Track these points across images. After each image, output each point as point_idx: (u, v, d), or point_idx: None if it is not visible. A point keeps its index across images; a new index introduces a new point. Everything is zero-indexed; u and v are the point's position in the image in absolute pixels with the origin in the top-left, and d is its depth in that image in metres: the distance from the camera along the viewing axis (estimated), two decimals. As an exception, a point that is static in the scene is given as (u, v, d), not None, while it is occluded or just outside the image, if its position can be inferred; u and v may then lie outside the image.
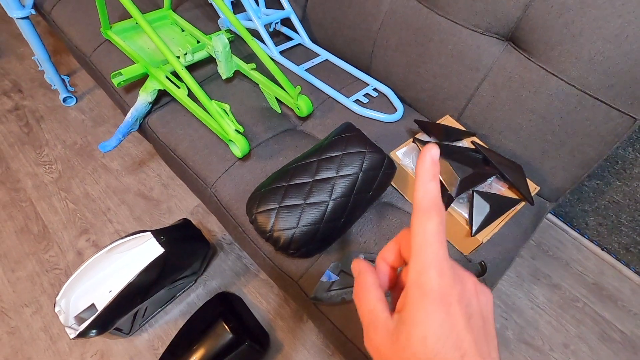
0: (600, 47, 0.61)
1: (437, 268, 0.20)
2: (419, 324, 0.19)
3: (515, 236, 0.72)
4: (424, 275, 0.20)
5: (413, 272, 0.20)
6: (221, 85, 0.89)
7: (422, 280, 0.20)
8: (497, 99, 0.75)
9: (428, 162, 0.21)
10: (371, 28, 0.88)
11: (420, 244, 0.20)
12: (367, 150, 0.63)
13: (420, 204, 0.21)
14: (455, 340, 0.19)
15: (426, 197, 0.21)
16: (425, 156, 0.21)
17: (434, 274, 0.19)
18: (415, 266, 0.20)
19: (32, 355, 0.89)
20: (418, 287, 0.20)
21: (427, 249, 0.20)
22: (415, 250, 0.20)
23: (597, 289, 1.09)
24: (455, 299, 0.19)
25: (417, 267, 0.20)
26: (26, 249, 1.05)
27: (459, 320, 0.19)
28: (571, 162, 0.72)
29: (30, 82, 1.47)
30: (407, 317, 0.20)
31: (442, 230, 0.20)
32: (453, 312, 0.19)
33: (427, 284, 0.19)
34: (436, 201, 0.21)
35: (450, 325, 0.19)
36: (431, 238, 0.20)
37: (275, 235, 0.58)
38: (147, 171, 1.23)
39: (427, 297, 0.19)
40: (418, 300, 0.19)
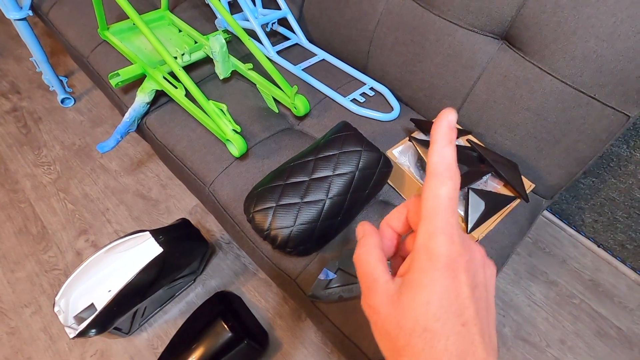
0: (594, 46, 0.61)
1: (447, 234, 0.19)
2: (424, 288, 0.19)
3: (511, 233, 0.73)
4: (433, 240, 0.19)
5: (422, 237, 0.20)
6: (219, 85, 0.90)
7: (431, 245, 0.19)
8: (493, 97, 0.75)
9: (445, 127, 0.20)
10: (367, 27, 0.88)
11: (432, 209, 0.20)
12: (363, 149, 0.64)
13: (435, 168, 0.20)
14: (458, 308, 0.19)
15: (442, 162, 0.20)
16: (442, 121, 0.20)
17: (444, 240, 0.19)
18: (425, 231, 0.20)
19: (32, 355, 0.89)
20: (426, 252, 0.19)
21: (438, 215, 0.20)
22: (426, 215, 0.20)
23: (593, 285, 1.10)
24: (463, 267, 0.19)
25: (427, 231, 0.20)
26: (25, 250, 1.05)
27: (464, 289, 0.19)
28: (566, 159, 0.73)
29: (28, 84, 1.47)
30: (411, 280, 0.19)
31: (455, 197, 0.20)
32: (459, 280, 0.19)
33: (436, 249, 0.19)
34: (452, 167, 0.20)
35: (455, 292, 0.19)
36: (443, 204, 0.20)
37: (272, 233, 0.59)
38: (145, 171, 1.24)
39: (435, 262, 0.19)
40: (425, 265, 0.19)
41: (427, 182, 0.20)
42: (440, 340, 0.18)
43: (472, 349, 0.18)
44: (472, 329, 0.19)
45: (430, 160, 0.20)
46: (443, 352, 0.18)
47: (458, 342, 0.18)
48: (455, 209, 0.20)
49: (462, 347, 0.18)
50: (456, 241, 0.19)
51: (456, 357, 0.18)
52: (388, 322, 0.20)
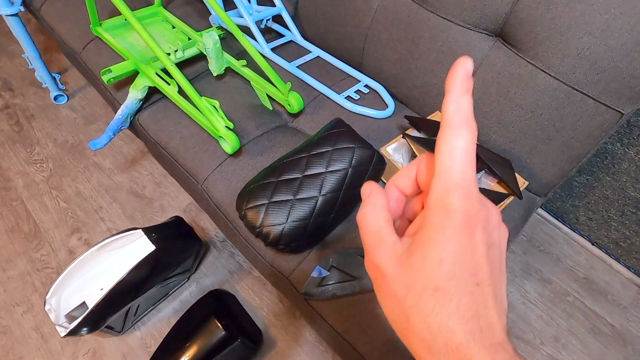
0: (587, 43, 0.61)
1: (464, 188, 0.18)
2: (437, 245, 0.18)
3: (505, 231, 0.73)
4: (449, 195, 0.18)
5: (436, 192, 0.18)
6: (212, 82, 0.89)
7: (447, 201, 0.18)
8: (486, 94, 0.75)
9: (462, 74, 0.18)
10: (362, 24, 0.88)
11: (447, 163, 0.18)
12: (356, 145, 0.63)
13: (452, 119, 0.18)
14: (474, 267, 0.18)
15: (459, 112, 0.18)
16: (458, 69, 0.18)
17: (461, 194, 0.18)
18: (439, 186, 0.18)
19: (23, 355, 0.89)
20: (441, 208, 0.18)
21: (454, 168, 0.18)
22: (441, 170, 0.18)
23: (587, 283, 1.10)
24: (481, 224, 0.18)
25: (442, 187, 0.18)
26: (17, 248, 1.04)
27: (480, 247, 0.18)
28: (560, 156, 0.73)
29: (21, 81, 1.45)
30: (423, 238, 0.18)
31: (473, 150, 0.18)
32: (476, 238, 0.18)
33: (453, 204, 0.18)
34: (469, 118, 0.18)
35: (471, 250, 0.18)
36: (460, 157, 0.18)
37: (264, 230, 0.58)
38: (139, 169, 1.23)
39: (451, 218, 0.18)
40: (439, 221, 0.18)
41: (442, 135, 0.19)
42: (452, 300, 0.17)
43: (485, 311, 0.17)
44: (485, 289, 0.18)
45: (446, 110, 0.19)
46: (455, 313, 0.17)
47: (471, 303, 0.17)
48: (473, 163, 0.18)
49: (475, 308, 0.17)
50: (474, 197, 0.18)
51: (468, 318, 0.17)
52: (395, 282, 0.19)
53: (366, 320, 0.61)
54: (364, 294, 0.61)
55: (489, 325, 0.17)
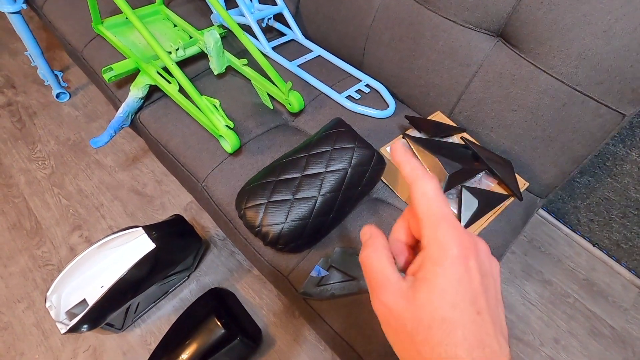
0: (589, 43, 0.61)
1: (449, 221, 0.20)
2: (439, 277, 0.19)
3: (505, 232, 0.73)
4: (438, 230, 0.20)
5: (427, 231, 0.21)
6: (213, 80, 0.89)
7: (439, 235, 0.20)
8: (488, 95, 0.75)
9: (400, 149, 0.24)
10: (363, 24, 0.87)
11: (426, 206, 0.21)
12: (356, 145, 0.63)
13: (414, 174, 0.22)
14: (473, 295, 0.19)
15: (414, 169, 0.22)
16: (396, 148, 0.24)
17: (448, 227, 0.20)
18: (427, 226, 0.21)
19: (24, 351, 0.89)
20: (435, 243, 0.20)
21: (433, 207, 0.21)
22: (423, 213, 0.21)
23: (588, 284, 1.10)
24: (473, 254, 0.20)
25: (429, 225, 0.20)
26: (19, 245, 1.05)
27: (475, 276, 0.19)
28: (561, 158, 0.72)
29: (24, 78, 1.46)
30: (425, 274, 0.20)
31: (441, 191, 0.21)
32: (470, 266, 0.19)
33: (444, 237, 0.20)
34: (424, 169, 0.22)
35: (469, 279, 0.19)
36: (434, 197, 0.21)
37: (263, 230, 0.58)
38: (140, 167, 1.23)
39: (446, 250, 0.19)
40: (436, 255, 0.20)
41: (412, 189, 0.22)
42: (458, 330, 0.18)
43: (488, 339, 0.18)
44: (485, 317, 0.19)
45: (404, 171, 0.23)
46: (462, 342, 0.18)
47: (475, 331, 0.18)
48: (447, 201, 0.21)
49: (479, 336, 0.18)
50: (460, 228, 0.20)
51: (474, 347, 0.18)
52: (404, 318, 0.20)
53: (364, 321, 0.61)
54: (363, 294, 0.61)
55: (493, 352, 0.18)
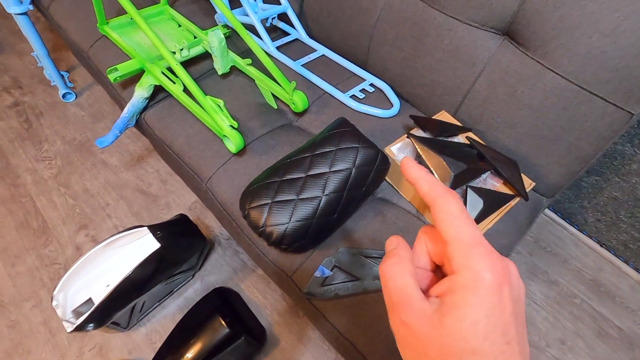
0: (597, 42, 0.60)
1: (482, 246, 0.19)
2: (473, 306, 0.18)
3: (511, 232, 0.72)
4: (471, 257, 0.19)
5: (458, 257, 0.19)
6: (217, 80, 0.89)
7: (472, 262, 0.19)
8: (493, 94, 0.74)
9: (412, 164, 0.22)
10: (368, 23, 0.87)
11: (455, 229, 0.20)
12: (360, 145, 0.63)
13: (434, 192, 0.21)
14: (504, 326, 0.18)
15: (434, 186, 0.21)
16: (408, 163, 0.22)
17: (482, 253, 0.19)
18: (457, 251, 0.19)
19: (31, 349, 0.90)
20: (468, 269, 0.19)
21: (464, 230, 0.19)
22: (451, 236, 0.20)
23: (595, 285, 1.08)
24: (507, 280, 0.19)
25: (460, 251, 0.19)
26: (26, 244, 1.06)
27: (508, 305, 0.18)
28: (567, 157, 0.72)
29: (30, 78, 1.47)
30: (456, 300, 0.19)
31: (466, 209, 0.20)
32: (504, 296, 0.18)
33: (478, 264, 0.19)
34: (444, 186, 0.21)
35: (501, 309, 0.18)
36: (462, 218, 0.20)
37: (267, 230, 0.58)
38: (145, 167, 1.24)
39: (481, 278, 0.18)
40: (470, 283, 0.18)
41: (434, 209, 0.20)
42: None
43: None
44: (514, 347, 0.18)
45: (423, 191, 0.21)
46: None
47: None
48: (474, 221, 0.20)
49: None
50: (493, 252, 0.19)
51: None
52: (428, 343, 0.19)
53: (368, 321, 0.60)
54: (367, 295, 0.61)
55: None
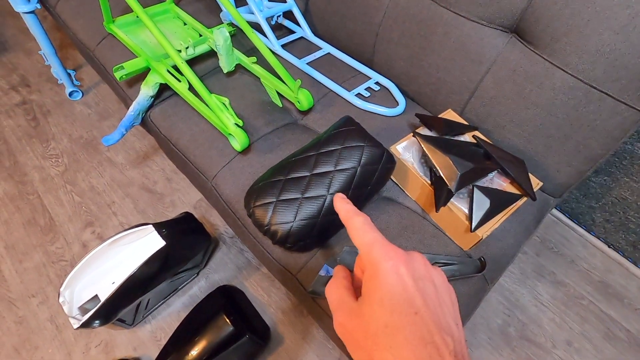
0: (608, 39, 0.59)
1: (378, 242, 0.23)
2: (376, 290, 0.22)
3: (517, 232, 0.71)
4: (372, 252, 0.23)
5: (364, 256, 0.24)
6: (222, 79, 0.89)
7: (372, 256, 0.23)
8: (501, 92, 0.73)
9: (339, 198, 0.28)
10: (373, 20, 0.86)
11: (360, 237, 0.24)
12: (366, 144, 0.63)
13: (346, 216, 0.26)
14: (407, 298, 0.21)
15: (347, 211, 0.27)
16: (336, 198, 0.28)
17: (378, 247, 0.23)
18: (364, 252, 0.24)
19: (39, 345, 0.91)
20: (370, 263, 0.23)
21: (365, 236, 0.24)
22: (358, 244, 0.24)
23: (602, 286, 1.07)
24: (402, 262, 0.22)
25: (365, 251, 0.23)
26: (33, 241, 1.07)
27: (407, 280, 0.21)
28: (576, 157, 0.71)
29: (38, 77, 1.48)
30: (366, 289, 0.23)
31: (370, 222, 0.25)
32: (401, 274, 0.22)
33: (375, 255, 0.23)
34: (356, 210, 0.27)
35: (401, 285, 0.21)
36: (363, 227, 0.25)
37: (272, 229, 0.58)
38: (151, 165, 1.25)
39: (378, 265, 0.22)
40: (371, 272, 0.22)
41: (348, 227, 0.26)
42: (400, 331, 0.20)
43: (429, 336, 0.20)
44: (424, 316, 0.20)
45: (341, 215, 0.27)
46: (404, 344, 0.20)
47: (415, 331, 0.20)
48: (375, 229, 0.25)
49: (419, 334, 0.20)
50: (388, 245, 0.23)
51: (416, 345, 0.20)
52: (356, 332, 0.22)
53: (373, 321, 0.60)
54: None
55: (436, 348, 0.20)
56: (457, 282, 0.63)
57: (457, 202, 0.63)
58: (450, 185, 0.61)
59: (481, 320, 0.99)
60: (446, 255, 0.65)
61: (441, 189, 0.63)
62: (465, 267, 0.64)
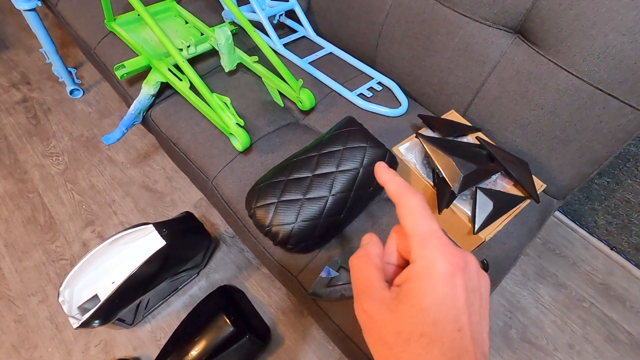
0: (613, 40, 0.58)
1: (438, 238, 0.20)
2: (423, 294, 0.19)
3: (520, 234, 0.71)
4: (427, 246, 0.20)
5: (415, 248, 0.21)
6: (224, 78, 0.89)
7: (427, 252, 0.20)
8: (504, 93, 0.73)
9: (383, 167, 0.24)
10: (376, 20, 0.86)
11: (414, 222, 0.21)
12: (368, 145, 0.62)
13: (398, 191, 0.22)
14: (456, 313, 0.19)
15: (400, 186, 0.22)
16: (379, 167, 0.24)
17: (437, 245, 0.20)
18: (415, 243, 0.21)
19: (38, 344, 0.91)
20: (423, 259, 0.20)
21: (421, 223, 0.21)
22: (411, 229, 0.21)
23: (604, 289, 1.07)
24: (460, 270, 0.20)
25: (418, 242, 0.21)
26: (33, 239, 1.07)
27: (460, 294, 0.19)
28: (580, 159, 0.70)
29: (39, 74, 1.48)
30: (410, 287, 0.20)
31: (427, 206, 0.22)
32: (456, 285, 0.19)
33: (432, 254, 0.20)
34: (409, 186, 0.22)
35: (453, 297, 0.19)
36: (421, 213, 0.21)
37: (273, 230, 0.58)
38: (151, 164, 1.24)
39: (434, 267, 0.20)
40: (423, 271, 0.20)
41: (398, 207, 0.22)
42: (437, 346, 0.18)
43: (466, 354, 0.19)
44: (466, 334, 0.19)
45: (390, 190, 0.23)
46: (438, 357, 0.18)
47: (453, 348, 0.19)
48: (433, 217, 0.21)
49: (457, 352, 0.19)
50: (449, 244, 0.20)
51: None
52: (385, 329, 0.20)
53: (375, 323, 0.60)
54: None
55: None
56: (459, 284, 0.63)
57: (460, 204, 0.63)
58: (453, 186, 0.60)
59: (482, 322, 0.99)
60: (448, 257, 0.64)
61: (444, 190, 0.62)
62: (467, 269, 0.63)
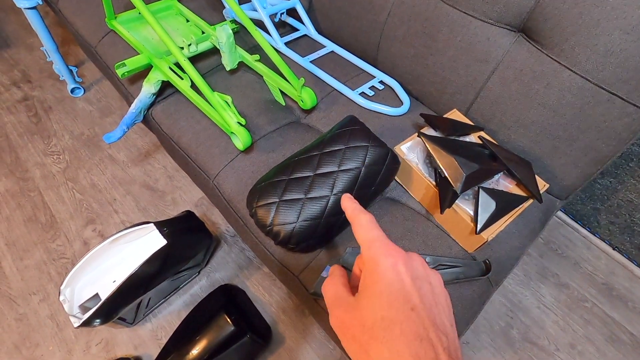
0: (617, 39, 0.58)
1: (380, 240, 0.24)
2: (375, 283, 0.22)
3: (523, 234, 0.70)
4: (372, 248, 0.24)
5: (365, 252, 0.24)
6: (225, 76, 0.89)
7: (372, 253, 0.24)
8: (507, 92, 0.72)
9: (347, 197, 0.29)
10: (378, 18, 0.85)
11: (363, 234, 0.25)
12: (370, 144, 0.62)
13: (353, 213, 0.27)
14: (405, 294, 0.22)
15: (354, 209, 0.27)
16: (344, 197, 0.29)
17: (379, 245, 0.24)
18: (365, 248, 0.24)
19: (39, 342, 0.91)
20: (370, 259, 0.24)
21: (368, 233, 0.25)
22: (361, 239, 0.25)
23: (606, 289, 1.06)
24: (401, 260, 0.23)
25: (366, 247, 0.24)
26: (34, 238, 1.07)
27: (405, 278, 0.22)
28: (583, 159, 0.70)
29: (39, 73, 1.48)
30: (364, 284, 0.23)
31: (374, 222, 0.26)
32: (400, 271, 0.22)
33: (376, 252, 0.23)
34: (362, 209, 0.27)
35: (399, 281, 0.22)
36: (368, 225, 0.25)
37: (275, 229, 0.57)
38: (152, 163, 1.24)
39: (378, 262, 0.23)
40: (372, 268, 0.23)
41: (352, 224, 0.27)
42: (396, 325, 0.21)
43: (425, 332, 0.21)
44: (421, 313, 0.21)
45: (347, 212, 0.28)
46: (400, 337, 0.20)
47: (411, 326, 0.21)
48: (379, 229, 0.25)
49: (415, 329, 0.21)
50: (389, 244, 0.24)
51: (411, 340, 0.20)
52: (352, 326, 0.22)
53: (376, 323, 0.59)
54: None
55: (431, 346, 0.20)
56: (461, 284, 0.63)
57: (463, 203, 0.62)
58: (455, 186, 0.60)
59: (484, 322, 0.99)
60: (450, 257, 0.64)
61: (446, 190, 0.62)
62: (469, 269, 0.63)
